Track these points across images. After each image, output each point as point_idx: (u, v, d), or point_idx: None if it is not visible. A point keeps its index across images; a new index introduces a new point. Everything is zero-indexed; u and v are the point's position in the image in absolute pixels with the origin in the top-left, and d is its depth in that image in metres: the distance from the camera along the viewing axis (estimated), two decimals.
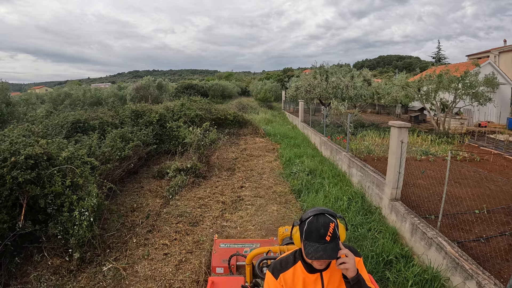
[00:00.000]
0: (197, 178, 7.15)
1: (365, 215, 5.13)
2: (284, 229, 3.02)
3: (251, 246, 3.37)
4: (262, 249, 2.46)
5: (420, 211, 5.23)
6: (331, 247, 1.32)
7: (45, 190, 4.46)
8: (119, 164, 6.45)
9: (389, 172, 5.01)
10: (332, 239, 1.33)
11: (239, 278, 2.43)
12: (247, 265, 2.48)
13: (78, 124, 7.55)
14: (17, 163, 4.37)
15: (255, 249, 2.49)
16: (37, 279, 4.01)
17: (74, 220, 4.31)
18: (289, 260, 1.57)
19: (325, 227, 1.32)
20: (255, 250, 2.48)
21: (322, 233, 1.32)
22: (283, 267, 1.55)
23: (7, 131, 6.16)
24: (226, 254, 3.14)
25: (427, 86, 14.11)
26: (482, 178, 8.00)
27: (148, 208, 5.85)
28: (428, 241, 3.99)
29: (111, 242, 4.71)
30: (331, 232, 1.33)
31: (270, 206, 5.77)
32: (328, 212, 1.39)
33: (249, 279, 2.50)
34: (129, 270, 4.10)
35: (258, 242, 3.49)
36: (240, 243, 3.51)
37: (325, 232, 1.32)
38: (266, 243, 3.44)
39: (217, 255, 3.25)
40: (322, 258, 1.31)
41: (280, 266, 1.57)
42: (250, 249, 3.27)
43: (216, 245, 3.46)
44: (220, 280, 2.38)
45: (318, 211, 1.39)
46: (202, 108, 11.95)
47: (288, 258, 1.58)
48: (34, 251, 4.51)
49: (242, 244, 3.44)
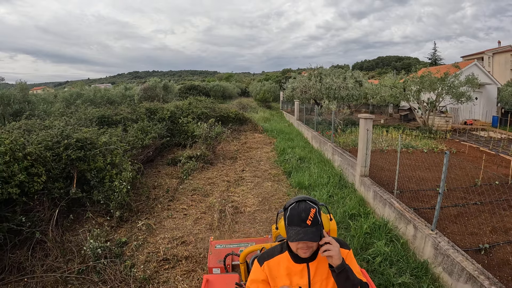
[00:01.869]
0: (205, 164, 8.49)
1: (341, 188, 6.46)
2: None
3: (246, 245, 3.38)
4: (255, 247, 2.49)
5: (388, 188, 6.54)
6: (312, 231, 1.36)
7: (91, 166, 5.79)
8: (142, 151, 7.78)
9: (359, 154, 6.34)
10: (313, 223, 1.37)
11: (233, 276, 2.43)
12: (241, 263, 2.50)
13: (103, 118, 8.89)
14: (70, 144, 5.69)
15: (248, 247, 2.52)
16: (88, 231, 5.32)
17: (114, 188, 5.62)
18: (276, 250, 1.60)
19: (306, 212, 1.38)
20: (248, 248, 2.50)
21: (303, 217, 1.37)
22: (269, 256, 1.58)
23: (49, 123, 7.49)
24: (221, 255, 3.16)
25: (410, 87, 15.46)
26: (452, 165, 9.34)
27: (167, 186, 7.17)
28: (383, 202, 5.32)
29: (141, 208, 6.02)
30: (311, 216, 1.37)
31: (266, 183, 7.13)
32: (309, 199, 1.44)
33: (244, 277, 2.51)
34: (158, 225, 5.41)
35: (253, 241, 3.52)
36: (235, 243, 3.55)
37: (305, 216, 1.37)
38: (261, 242, 3.46)
39: (213, 256, 3.25)
40: (303, 239, 1.35)
41: (266, 254, 1.60)
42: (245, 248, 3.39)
43: (212, 246, 3.46)
44: (214, 278, 2.38)
45: (299, 198, 1.45)
46: (207, 106, 13.31)
47: (275, 247, 1.62)
48: (82, 213, 5.82)
49: (237, 244, 3.48)
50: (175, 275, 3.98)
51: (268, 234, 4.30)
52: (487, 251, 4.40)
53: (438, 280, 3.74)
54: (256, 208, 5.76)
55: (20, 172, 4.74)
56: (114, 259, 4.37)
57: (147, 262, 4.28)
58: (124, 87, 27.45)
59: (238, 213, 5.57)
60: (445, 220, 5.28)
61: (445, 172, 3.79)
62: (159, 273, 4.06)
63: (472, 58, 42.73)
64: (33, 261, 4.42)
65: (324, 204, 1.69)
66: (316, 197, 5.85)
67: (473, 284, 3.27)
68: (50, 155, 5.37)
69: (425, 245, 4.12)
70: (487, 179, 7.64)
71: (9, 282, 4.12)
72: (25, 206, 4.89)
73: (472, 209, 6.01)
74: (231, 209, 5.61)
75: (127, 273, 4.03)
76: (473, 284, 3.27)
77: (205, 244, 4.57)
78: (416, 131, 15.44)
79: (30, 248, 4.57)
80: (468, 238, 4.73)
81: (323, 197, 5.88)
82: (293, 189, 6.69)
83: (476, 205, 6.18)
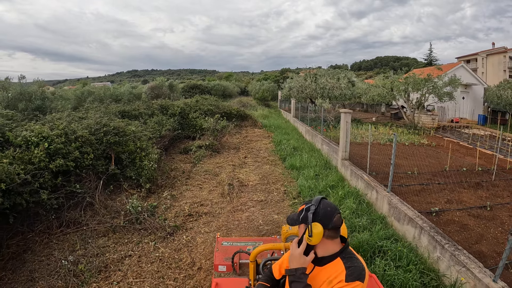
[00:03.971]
0: (213, 152, 9.94)
1: (326, 169, 7.92)
2: (287, 228, 2.96)
3: (254, 244, 3.37)
4: (267, 246, 2.48)
5: (367, 171, 7.97)
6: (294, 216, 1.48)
7: (124, 149, 7.20)
8: (160, 140, 9.21)
9: (341, 142, 7.80)
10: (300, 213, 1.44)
11: (243, 280, 2.43)
12: (251, 262, 2.49)
13: (124, 112, 10.30)
14: (108, 131, 7.11)
15: (260, 246, 2.48)
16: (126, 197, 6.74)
17: (144, 167, 7.05)
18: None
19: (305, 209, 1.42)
20: (260, 247, 2.47)
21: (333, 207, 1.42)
22: None
23: (82, 114, 8.90)
24: (228, 252, 3.17)
25: (398, 87, 16.94)
26: (427, 155, 10.83)
27: (182, 169, 8.60)
28: (357, 177, 6.78)
29: (164, 183, 7.45)
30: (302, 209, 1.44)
31: (265, 166, 8.61)
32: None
33: (253, 276, 2.50)
34: (179, 195, 6.84)
35: (261, 241, 3.50)
36: (243, 241, 3.53)
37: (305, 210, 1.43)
38: (269, 242, 3.46)
39: (219, 253, 3.24)
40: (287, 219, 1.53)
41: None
42: (253, 247, 3.26)
43: (218, 243, 3.44)
44: (224, 282, 2.39)
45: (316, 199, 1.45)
46: (212, 104, 14.77)
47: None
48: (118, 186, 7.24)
49: (245, 242, 3.45)
50: (198, 224, 5.42)
51: (276, 235, 4.27)
52: (438, 214, 5.72)
53: (392, 227, 5.17)
54: (257, 182, 7.24)
55: (75, 150, 6.15)
56: (150, 215, 5.80)
57: (176, 217, 5.72)
58: (130, 86, 28.88)
59: (243, 186, 7.03)
60: (409, 194, 6.60)
61: (395, 148, 5.24)
62: (186, 223, 5.49)
63: (467, 59, 44.24)
64: (86, 218, 5.83)
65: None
66: (304, 175, 7.30)
67: (411, 224, 4.73)
68: (94, 138, 6.79)
69: (383, 203, 5.57)
70: (457, 166, 9.01)
71: (68, 233, 5.52)
72: (77, 177, 6.30)
73: (435, 187, 7.38)
74: (237, 183, 7.07)
75: (162, 223, 5.45)
76: (412, 223, 4.72)
77: (219, 205, 6.01)
78: (403, 127, 16.92)
79: (82, 209, 5.98)
80: (425, 205, 5.98)
81: (310, 174, 7.33)
82: (287, 170, 8.15)
83: (440, 185, 7.57)
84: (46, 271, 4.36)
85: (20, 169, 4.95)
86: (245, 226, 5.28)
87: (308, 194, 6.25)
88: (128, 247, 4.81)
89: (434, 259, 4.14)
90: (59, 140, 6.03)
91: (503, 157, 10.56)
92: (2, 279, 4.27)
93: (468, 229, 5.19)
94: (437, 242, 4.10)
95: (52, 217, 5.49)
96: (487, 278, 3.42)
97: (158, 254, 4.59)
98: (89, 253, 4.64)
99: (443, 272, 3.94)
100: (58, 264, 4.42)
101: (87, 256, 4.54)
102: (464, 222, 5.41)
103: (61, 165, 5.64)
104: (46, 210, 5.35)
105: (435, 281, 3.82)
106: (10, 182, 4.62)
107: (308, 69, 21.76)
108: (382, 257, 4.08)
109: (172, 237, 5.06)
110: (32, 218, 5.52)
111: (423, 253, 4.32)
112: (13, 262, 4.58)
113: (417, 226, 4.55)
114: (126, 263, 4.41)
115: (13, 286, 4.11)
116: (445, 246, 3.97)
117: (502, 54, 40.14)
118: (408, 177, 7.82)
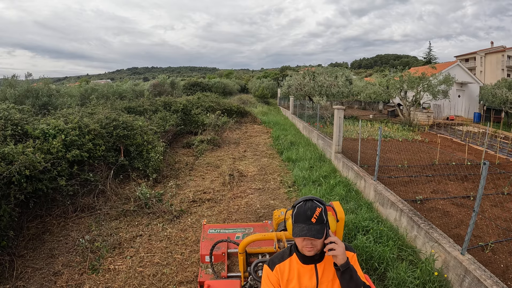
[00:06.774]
0: (214, 146, 10.48)
1: (320, 162, 8.47)
2: (279, 213, 2.90)
3: (243, 231, 3.20)
4: (257, 236, 2.36)
5: (358, 163, 8.51)
6: (316, 229, 1.40)
7: (132, 142, 7.73)
8: (164, 134, 9.74)
9: (334, 136, 8.34)
10: (318, 221, 1.41)
11: (235, 282, 2.35)
12: (240, 253, 2.39)
13: (129, 108, 10.83)
14: (117, 125, 7.64)
15: (250, 236, 2.36)
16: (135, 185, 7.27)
17: (150, 158, 7.58)
18: (285, 253, 1.62)
19: (312, 210, 1.42)
20: (250, 237, 2.35)
21: (308, 214, 1.41)
22: (279, 259, 1.60)
23: (91, 110, 9.42)
24: (216, 241, 2.92)
25: (393, 85, 17.46)
26: (418, 150, 11.36)
27: (186, 161, 9.13)
28: (348, 168, 7.32)
29: (169, 174, 7.99)
30: (317, 215, 1.41)
31: (263, 159, 9.15)
32: (316, 199, 1.48)
33: (242, 268, 2.45)
34: (184, 184, 7.38)
35: (251, 227, 3.33)
36: (231, 227, 3.34)
37: (311, 214, 1.41)
38: (260, 227, 3.31)
39: (206, 242, 3.02)
40: (306, 235, 1.38)
41: (276, 258, 1.62)
42: (243, 235, 3.12)
43: (204, 231, 3.24)
44: (216, 284, 2.34)
45: (307, 198, 1.48)
46: (213, 101, 15.30)
47: (285, 251, 1.64)
48: (126, 176, 7.77)
49: (233, 229, 3.26)
50: (202, 209, 5.97)
51: (268, 220, 4.04)
52: (422, 202, 6.17)
53: (377, 211, 5.71)
54: (256, 173, 7.79)
55: (88, 142, 6.68)
56: (157, 201, 6.34)
57: (181, 202, 6.26)
58: (133, 83, 29.40)
59: (242, 176, 7.58)
60: (397, 185, 7.10)
61: (380, 140, 5.76)
62: (190, 208, 6.04)
63: (466, 58, 44.66)
64: (99, 203, 6.37)
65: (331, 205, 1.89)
66: (300, 167, 7.85)
67: (393, 208, 5.27)
68: (104, 132, 7.33)
69: (370, 190, 6.11)
70: (447, 160, 9.48)
71: (82, 217, 6.05)
72: (90, 166, 6.84)
73: (422, 179, 7.88)
74: (237, 174, 7.61)
75: (169, 208, 5.99)
76: (394, 207, 5.26)
77: (221, 193, 6.56)
78: (398, 124, 17.43)
79: (95, 195, 6.52)
80: (411, 194, 6.42)
81: (305, 166, 7.87)
82: (284, 162, 8.70)
83: (428, 177, 8.07)
84: (65, 248, 4.89)
85: (41, 158, 5.48)
86: (244, 210, 5.83)
87: (302, 183, 6.79)
88: (138, 228, 5.35)
89: (412, 237, 4.68)
90: (74, 133, 6.55)
91: (494, 153, 11.06)
92: (24, 256, 4.79)
93: (450, 216, 5.65)
94: (414, 222, 4.64)
95: (67, 202, 6.01)
96: (456, 251, 3.94)
97: (166, 233, 5.14)
98: (104, 233, 5.17)
99: (419, 248, 4.48)
100: (76, 243, 4.96)
101: (102, 236, 5.07)
102: (447, 210, 5.87)
103: (76, 155, 6.17)
104: (62, 196, 5.88)
105: (412, 257, 4.35)
106: (33, 169, 5.14)
107: (307, 67, 22.25)
108: (365, 235, 4.61)
109: (178, 219, 5.60)
110: (50, 203, 6.06)
111: (403, 233, 4.86)
112: (33, 242, 5.09)
113: (398, 209, 5.09)
114: (137, 241, 4.95)
115: (35, 262, 4.64)
116: (421, 225, 4.51)
117: (500, 53, 40.61)
118: (398, 169, 8.32)
